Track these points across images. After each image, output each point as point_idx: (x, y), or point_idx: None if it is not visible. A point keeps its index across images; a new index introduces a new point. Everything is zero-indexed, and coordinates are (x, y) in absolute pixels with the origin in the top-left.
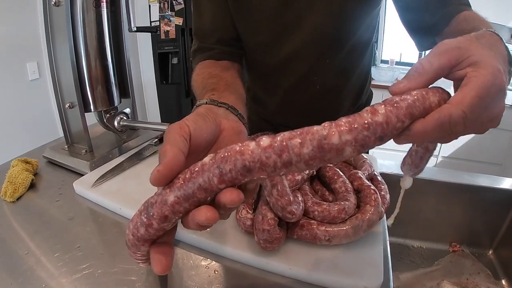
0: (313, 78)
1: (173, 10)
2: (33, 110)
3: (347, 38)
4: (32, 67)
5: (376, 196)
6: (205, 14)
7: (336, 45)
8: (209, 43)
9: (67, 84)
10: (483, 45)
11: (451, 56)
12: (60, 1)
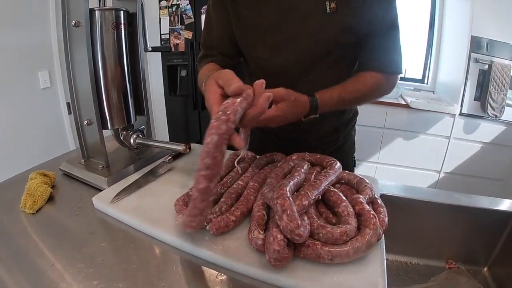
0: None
1: (183, 24)
2: (44, 118)
3: (330, 60)
4: (43, 76)
5: (375, 220)
6: (214, 31)
7: (319, 64)
8: (214, 54)
9: (85, 101)
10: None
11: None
12: (79, 22)
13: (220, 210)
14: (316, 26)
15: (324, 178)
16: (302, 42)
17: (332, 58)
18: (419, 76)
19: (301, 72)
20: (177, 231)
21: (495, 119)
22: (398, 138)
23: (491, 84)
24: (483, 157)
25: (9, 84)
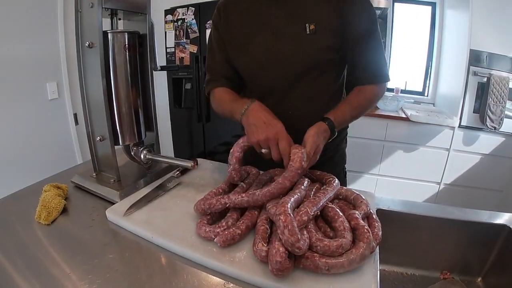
0: (286, 105)
1: (188, 38)
2: (51, 128)
3: (314, 75)
4: (52, 87)
5: (368, 234)
6: (217, 58)
7: (304, 79)
8: (218, 78)
9: (98, 119)
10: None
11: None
12: (93, 43)
13: (227, 224)
14: (298, 46)
15: (322, 195)
16: (287, 62)
17: (316, 73)
18: (419, 89)
19: (289, 87)
20: (187, 243)
21: (494, 131)
22: (399, 150)
23: (489, 97)
24: (482, 168)
25: (18, 95)
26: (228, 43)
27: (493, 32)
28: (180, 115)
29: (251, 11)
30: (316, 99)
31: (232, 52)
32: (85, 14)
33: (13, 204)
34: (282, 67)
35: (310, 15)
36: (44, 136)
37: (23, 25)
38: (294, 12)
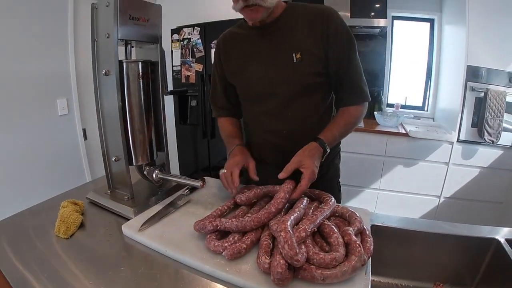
0: (280, 126)
1: (193, 57)
2: (61, 143)
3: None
4: (62, 103)
5: (360, 249)
6: (218, 91)
7: (294, 102)
8: (220, 108)
9: (114, 141)
10: (309, 155)
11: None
12: (109, 71)
13: (234, 239)
14: (288, 73)
15: (319, 213)
16: (278, 87)
17: (305, 96)
18: (419, 104)
19: (282, 109)
20: (198, 256)
21: (492, 144)
22: (399, 165)
23: (487, 111)
24: (482, 181)
25: (30, 111)
26: (228, 73)
27: (490, 47)
28: (185, 131)
29: (245, 43)
30: (307, 119)
31: (231, 80)
32: (101, 44)
33: (31, 219)
34: (274, 92)
35: (296, 45)
36: (54, 151)
37: (35, 44)
38: (282, 43)
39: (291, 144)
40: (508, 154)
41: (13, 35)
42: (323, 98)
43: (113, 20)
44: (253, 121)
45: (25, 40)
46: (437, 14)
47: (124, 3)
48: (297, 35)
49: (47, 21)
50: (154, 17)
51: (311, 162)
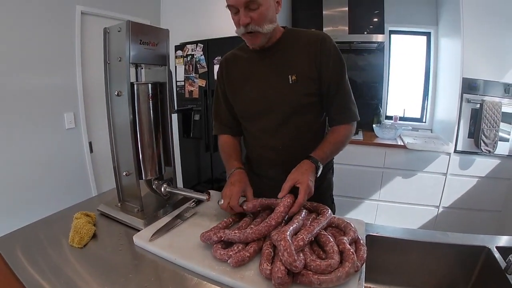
0: (277, 142)
1: (197, 72)
2: (68, 156)
3: (298, 116)
4: (69, 117)
5: (353, 256)
6: (221, 109)
7: (290, 120)
8: (222, 126)
9: (125, 157)
10: (303, 172)
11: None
12: (121, 92)
13: (238, 248)
14: (284, 94)
15: (316, 224)
16: (275, 106)
17: (299, 114)
18: (418, 115)
19: (278, 127)
20: (205, 263)
21: (489, 154)
22: (397, 177)
23: (483, 122)
24: (480, 190)
25: (38, 124)
26: (229, 91)
27: (485, 59)
28: (189, 145)
29: (246, 65)
30: (301, 136)
31: (232, 98)
32: (113, 66)
33: (44, 229)
34: (271, 111)
35: (292, 67)
36: (61, 163)
37: (43, 60)
38: (279, 65)
39: (286, 159)
40: (505, 163)
41: (22, 51)
42: (316, 116)
43: (125, 45)
44: (252, 137)
45: (34, 56)
46: (434, 28)
47: (135, 28)
48: (293, 59)
49: (55, 38)
50: (163, 41)
51: (306, 178)
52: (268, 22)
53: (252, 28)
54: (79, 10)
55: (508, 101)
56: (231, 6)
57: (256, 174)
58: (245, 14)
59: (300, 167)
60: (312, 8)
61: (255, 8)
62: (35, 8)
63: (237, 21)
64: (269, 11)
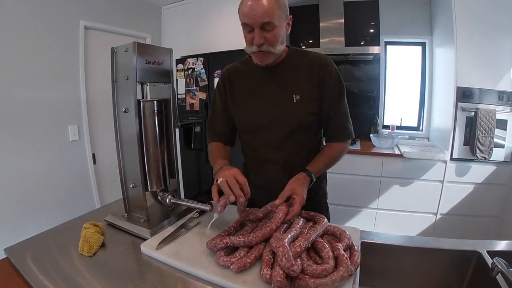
0: (278, 155)
1: (197, 86)
2: (72, 167)
3: (299, 133)
4: (73, 130)
5: (347, 261)
6: (217, 117)
7: (292, 136)
8: (215, 133)
9: (132, 170)
10: (300, 183)
11: (290, 191)
12: (128, 109)
13: (240, 255)
14: (287, 112)
15: (313, 232)
16: (278, 123)
17: (300, 131)
18: (414, 124)
19: (280, 141)
20: (209, 269)
21: (484, 160)
22: (395, 185)
23: (478, 129)
24: (477, 196)
25: (43, 136)
26: (231, 104)
27: (478, 68)
28: (190, 156)
29: (250, 80)
30: (300, 151)
31: (234, 111)
32: (121, 84)
33: (52, 239)
34: (274, 127)
35: (296, 87)
36: (65, 174)
37: (48, 73)
38: (284, 84)
39: (285, 172)
40: (501, 169)
41: (28, 65)
42: (315, 133)
43: (132, 65)
44: (251, 150)
45: (40, 70)
46: (428, 38)
47: (141, 49)
48: (297, 79)
49: (60, 52)
50: (167, 59)
51: (301, 190)
52: (279, 43)
53: (265, 48)
54: (82, 25)
55: (502, 108)
56: (247, 24)
57: (253, 185)
58: (260, 34)
59: (298, 179)
60: (309, 20)
61: (270, 29)
62: (41, 24)
63: (250, 39)
64: (281, 32)
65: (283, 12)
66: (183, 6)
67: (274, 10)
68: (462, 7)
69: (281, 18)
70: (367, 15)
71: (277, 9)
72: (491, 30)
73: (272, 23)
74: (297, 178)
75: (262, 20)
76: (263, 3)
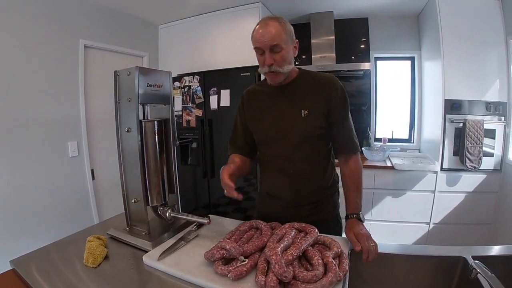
0: (289, 166)
1: (194, 103)
2: (71, 182)
3: (308, 145)
4: (72, 146)
5: (335, 267)
6: (239, 135)
7: (301, 148)
8: (235, 148)
9: (134, 185)
10: (358, 227)
11: (355, 236)
12: (131, 129)
13: (237, 264)
14: (296, 126)
15: (304, 241)
16: (288, 135)
17: (309, 143)
18: (406, 136)
19: (290, 153)
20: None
21: (474, 170)
22: (387, 196)
23: (466, 140)
24: (468, 205)
25: (43, 152)
26: (249, 121)
27: (465, 80)
28: (186, 172)
29: (265, 98)
30: (310, 162)
31: (251, 127)
32: (123, 105)
33: (56, 252)
34: (285, 139)
35: (305, 103)
36: (65, 190)
37: (49, 91)
38: (294, 101)
39: (296, 181)
40: (491, 177)
41: (30, 82)
42: (324, 145)
43: (134, 87)
44: (267, 161)
45: (41, 87)
46: (417, 52)
47: (143, 72)
48: (306, 96)
49: (60, 70)
50: (166, 82)
51: (359, 230)
52: (287, 64)
53: (274, 68)
54: (82, 44)
55: (490, 118)
56: (258, 48)
57: (270, 196)
58: (269, 56)
59: (351, 226)
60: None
61: (278, 51)
62: (42, 43)
63: (262, 61)
64: (289, 54)
65: (289, 37)
66: (180, 26)
67: (280, 35)
68: (448, 22)
69: (288, 42)
70: (357, 32)
71: (283, 34)
72: (476, 43)
73: (280, 46)
74: (351, 225)
75: (270, 43)
76: (271, 29)
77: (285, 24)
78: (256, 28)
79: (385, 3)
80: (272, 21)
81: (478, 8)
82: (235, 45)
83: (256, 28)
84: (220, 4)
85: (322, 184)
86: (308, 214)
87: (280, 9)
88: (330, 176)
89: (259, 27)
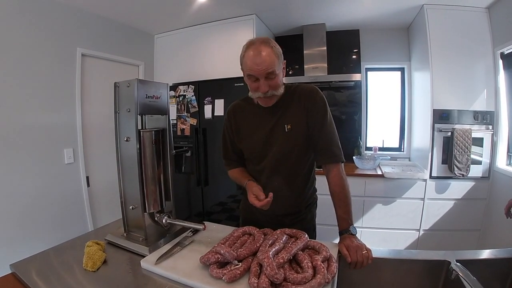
0: (274, 180)
1: (188, 112)
2: (66, 189)
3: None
4: (68, 153)
5: (323, 270)
6: (229, 149)
7: (286, 160)
8: (231, 162)
9: (132, 193)
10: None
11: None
12: (130, 138)
13: (231, 267)
14: (281, 140)
15: (294, 246)
16: (274, 149)
17: (292, 157)
18: (396, 145)
19: (277, 167)
20: (204, 280)
21: (463, 177)
22: (378, 204)
23: (454, 148)
24: (457, 211)
25: (39, 159)
26: (238, 138)
27: (453, 90)
28: (180, 180)
29: (252, 116)
30: (294, 173)
31: (239, 142)
32: (123, 116)
33: (55, 256)
34: (270, 153)
35: (288, 119)
36: (60, 196)
37: (46, 98)
38: (279, 118)
39: (280, 193)
40: (479, 184)
41: (27, 90)
42: (307, 159)
43: (133, 99)
44: (252, 175)
45: (37, 94)
46: (407, 63)
47: (142, 84)
48: (289, 111)
49: (57, 78)
50: (164, 93)
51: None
52: (280, 86)
53: (270, 94)
54: (79, 52)
55: (478, 127)
56: (252, 75)
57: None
58: (265, 83)
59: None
60: (294, 48)
61: (273, 77)
62: (39, 51)
63: (255, 87)
64: (281, 77)
65: (280, 60)
66: (175, 36)
67: (274, 61)
68: (436, 34)
69: (280, 66)
70: (349, 43)
71: (276, 59)
72: (464, 54)
73: (274, 72)
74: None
75: (266, 71)
76: (266, 57)
77: (275, 47)
78: (248, 54)
79: (376, 16)
80: (264, 47)
81: (466, 20)
82: (229, 56)
83: (248, 55)
84: (215, 15)
85: (303, 197)
86: (290, 224)
87: (273, 21)
88: (310, 187)
89: (252, 54)
